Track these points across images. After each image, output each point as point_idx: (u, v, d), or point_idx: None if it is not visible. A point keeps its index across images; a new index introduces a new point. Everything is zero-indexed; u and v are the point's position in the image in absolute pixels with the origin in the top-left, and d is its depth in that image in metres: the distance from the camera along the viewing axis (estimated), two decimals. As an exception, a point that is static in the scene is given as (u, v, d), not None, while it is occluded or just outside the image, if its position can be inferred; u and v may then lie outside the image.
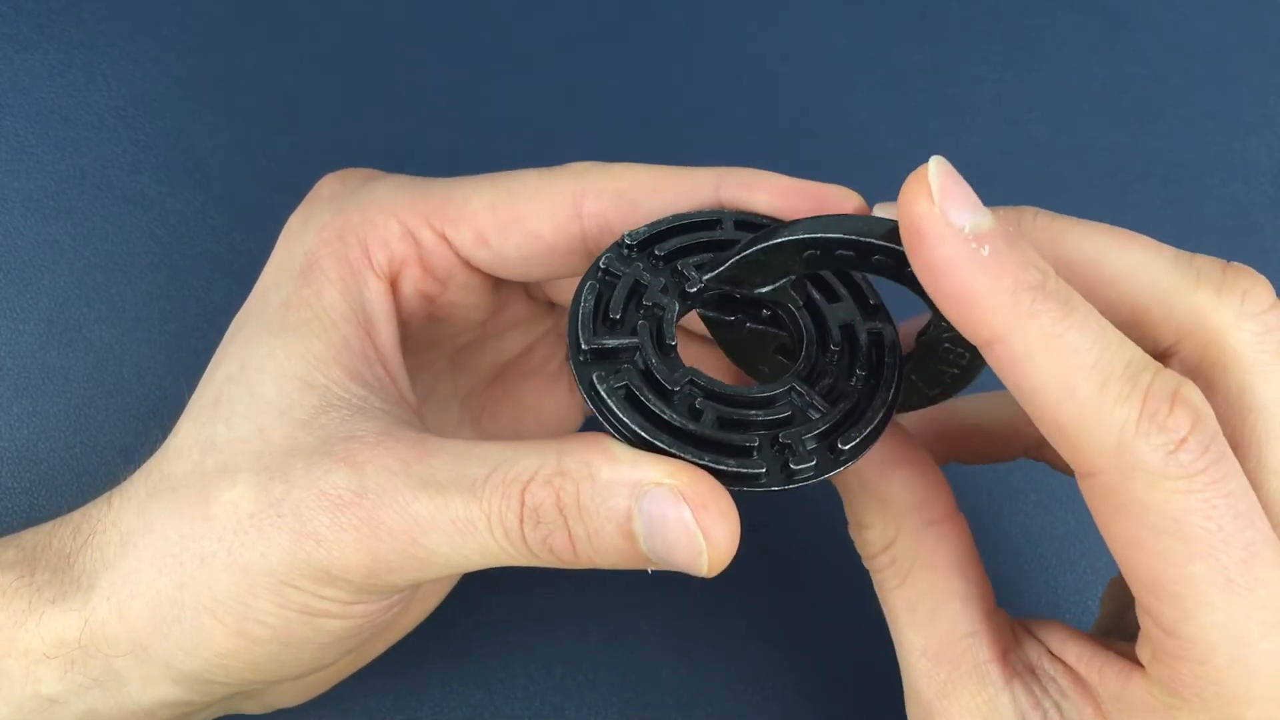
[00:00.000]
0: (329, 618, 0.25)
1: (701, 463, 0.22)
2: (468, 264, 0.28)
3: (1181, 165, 0.43)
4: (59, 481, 0.37)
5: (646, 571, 0.23)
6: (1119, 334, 0.22)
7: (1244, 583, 0.21)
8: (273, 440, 0.24)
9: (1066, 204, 0.42)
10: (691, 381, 0.24)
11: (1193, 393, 0.21)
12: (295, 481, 0.23)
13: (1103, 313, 0.22)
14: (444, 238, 0.27)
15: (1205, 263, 0.25)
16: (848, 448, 0.23)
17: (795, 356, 0.26)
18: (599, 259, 0.25)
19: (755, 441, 0.23)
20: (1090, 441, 0.21)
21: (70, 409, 0.37)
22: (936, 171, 0.21)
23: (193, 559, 0.24)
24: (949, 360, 0.25)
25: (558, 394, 0.34)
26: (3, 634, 0.25)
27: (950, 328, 0.24)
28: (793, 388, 0.24)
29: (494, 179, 0.28)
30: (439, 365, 0.32)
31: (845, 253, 0.24)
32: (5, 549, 0.27)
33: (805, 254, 0.24)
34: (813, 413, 0.24)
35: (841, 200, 0.26)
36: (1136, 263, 0.25)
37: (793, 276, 0.25)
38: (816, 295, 0.26)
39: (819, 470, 0.23)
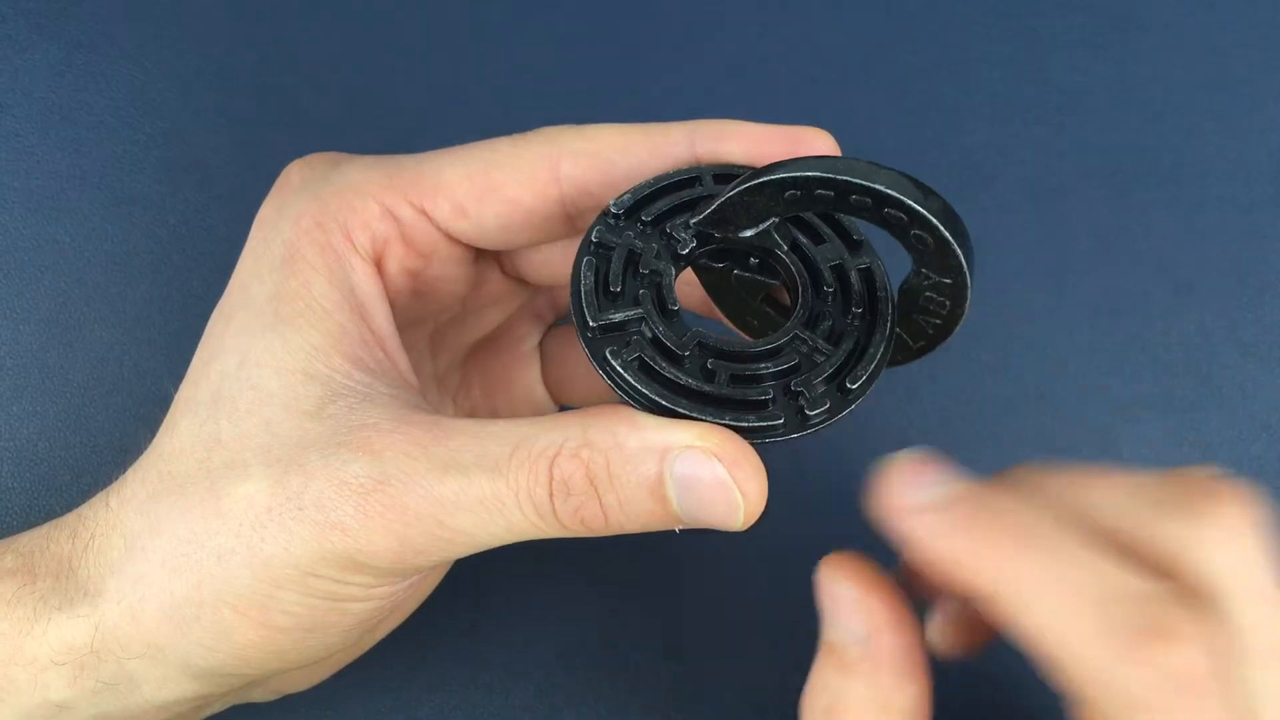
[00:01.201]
0: (353, 601, 0.25)
1: (724, 422, 0.23)
2: (448, 236, 0.28)
3: (1181, 165, 0.43)
4: (59, 481, 0.37)
5: (675, 532, 0.24)
6: (1108, 564, 0.23)
7: None
8: (281, 433, 0.24)
9: (1066, 204, 0.43)
10: (700, 343, 0.24)
11: (1183, 624, 0.22)
12: (313, 473, 0.24)
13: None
14: (423, 212, 0.27)
15: (1179, 491, 0.25)
16: (855, 386, 0.24)
17: (784, 306, 0.26)
18: (589, 232, 0.25)
19: (769, 394, 0.24)
20: (1080, 672, 0.22)
21: (70, 409, 0.37)
22: (901, 459, 0.24)
23: (208, 557, 0.24)
24: (930, 310, 0.25)
25: (529, 372, 0.34)
26: (8, 642, 0.25)
27: (930, 277, 0.24)
28: (796, 334, 0.25)
29: (466, 150, 0.28)
30: (421, 344, 0.32)
31: (824, 192, 0.24)
32: (2, 555, 0.27)
33: (787, 194, 0.24)
34: (818, 356, 0.25)
35: (814, 139, 0.26)
36: (1117, 505, 0.25)
37: (776, 219, 0.26)
38: (803, 239, 0.26)
39: (832, 412, 0.24)
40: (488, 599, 0.36)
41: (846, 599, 0.25)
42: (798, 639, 0.32)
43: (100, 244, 0.39)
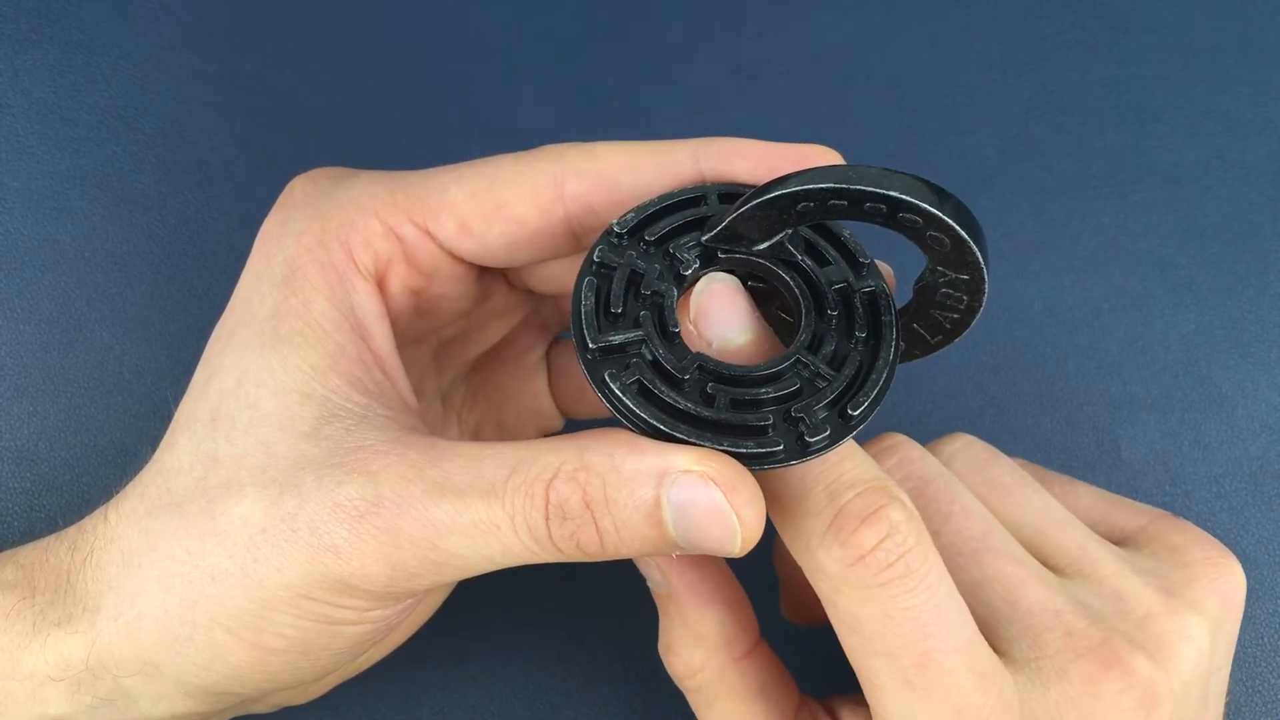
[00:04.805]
0: (346, 624, 0.25)
1: (722, 448, 0.23)
2: (452, 255, 0.28)
3: (1181, 165, 0.43)
4: (59, 481, 0.37)
5: (672, 556, 0.24)
6: (846, 452, 0.25)
7: (920, 683, 0.24)
8: (277, 454, 0.24)
9: (1066, 204, 0.43)
10: (700, 366, 0.24)
11: (894, 509, 0.24)
12: (308, 495, 0.23)
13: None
14: (426, 231, 0.27)
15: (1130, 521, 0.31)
16: (857, 413, 0.24)
17: (796, 318, 0.26)
18: (591, 251, 0.25)
19: (769, 419, 0.23)
20: (789, 545, 0.25)
21: (70, 409, 0.37)
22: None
23: (202, 576, 0.24)
24: (947, 306, 0.25)
25: (536, 384, 0.34)
26: (6, 657, 0.25)
27: (946, 274, 0.24)
28: (798, 359, 0.24)
29: (471, 167, 0.27)
30: (425, 361, 0.32)
31: (838, 202, 0.24)
32: (3, 567, 0.27)
33: (799, 206, 0.24)
34: (820, 381, 0.24)
35: (821, 157, 0.26)
36: (1089, 510, 0.31)
37: (789, 231, 0.25)
38: (808, 262, 0.26)
39: (833, 439, 0.23)
40: (488, 598, 0.36)
41: (643, 560, 0.28)
42: (797, 637, 0.32)
43: (100, 244, 0.39)
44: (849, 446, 0.26)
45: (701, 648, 0.28)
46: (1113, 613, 0.27)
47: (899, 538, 0.24)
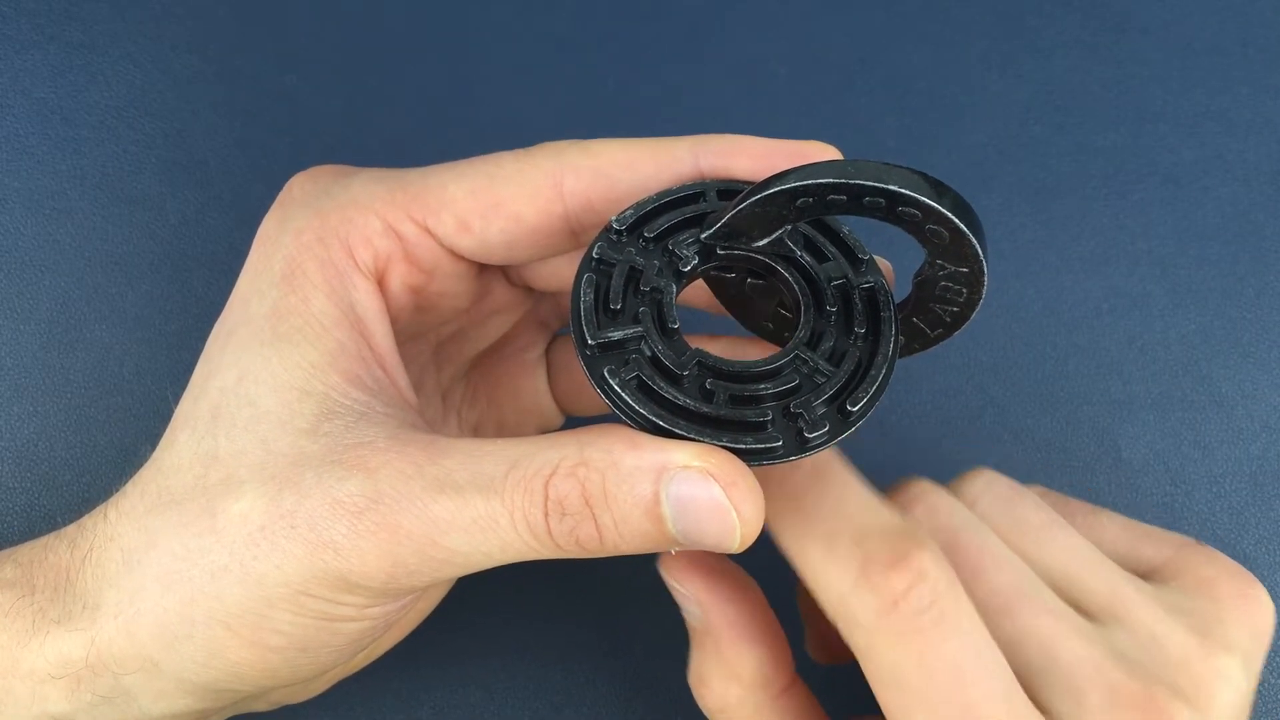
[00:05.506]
0: (346, 621, 0.25)
1: (721, 444, 0.23)
2: (451, 252, 0.28)
3: (1181, 165, 0.43)
4: (59, 481, 0.37)
5: (670, 552, 0.24)
6: (870, 503, 0.25)
7: None
8: (276, 451, 0.24)
9: (1066, 204, 0.43)
10: (699, 363, 0.24)
11: (923, 554, 0.23)
12: (307, 492, 0.23)
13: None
14: (426, 229, 0.27)
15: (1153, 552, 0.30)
16: (856, 409, 0.24)
17: (795, 314, 0.26)
18: (591, 248, 0.25)
19: (768, 415, 0.23)
20: (820, 597, 0.25)
21: (70, 409, 0.37)
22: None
23: (202, 573, 0.24)
24: (947, 299, 0.25)
25: (535, 381, 0.34)
26: (6, 655, 0.25)
27: (945, 267, 0.24)
28: (797, 355, 0.25)
29: (470, 165, 0.27)
30: (424, 357, 0.32)
31: (837, 197, 0.24)
32: (2, 565, 0.27)
33: (798, 202, 0.24)
34: (819, 377, 0.24)
35: (820, 153, 0.26)
36: (1115, 541, 0.31)
37: (788, 227, 0.25)
38: (807, 258, 0.26)
39: (832, 434, 0.23)
40: (488, 598, 0.36)
41: (680, 589, 0.28)
42: (797, 637, 0.32)
43: (100, 244, 0.39)
44: (873, 497, 0.26)
45: (737, 685, 0.27)
46: (1150, 659, 0.27)
47: (930, 583, 0.23)
